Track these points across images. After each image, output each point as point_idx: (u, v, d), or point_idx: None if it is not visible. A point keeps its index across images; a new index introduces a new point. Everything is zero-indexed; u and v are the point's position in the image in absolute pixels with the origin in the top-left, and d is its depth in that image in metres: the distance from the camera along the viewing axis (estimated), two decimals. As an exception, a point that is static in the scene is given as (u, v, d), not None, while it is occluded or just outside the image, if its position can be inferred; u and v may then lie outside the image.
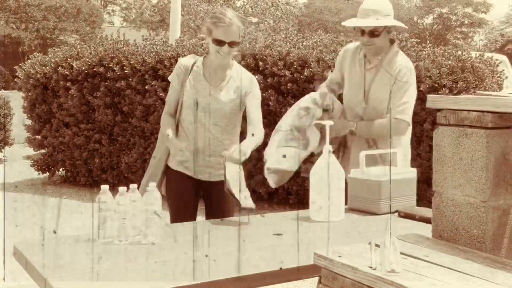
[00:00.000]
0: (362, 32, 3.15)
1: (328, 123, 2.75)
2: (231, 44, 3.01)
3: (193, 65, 3.15)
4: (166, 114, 3.17)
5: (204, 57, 3.19)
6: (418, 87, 5.94)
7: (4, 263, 4.00)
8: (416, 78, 3.29)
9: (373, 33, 3.12)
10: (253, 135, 2.97)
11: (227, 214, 3.02)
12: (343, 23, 3.32)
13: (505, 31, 47.57)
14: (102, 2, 46.87)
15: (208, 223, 2.65)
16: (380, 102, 3.22)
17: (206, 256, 2.05)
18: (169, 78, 3.21)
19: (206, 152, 3.13)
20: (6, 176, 8.86)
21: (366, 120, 3.23)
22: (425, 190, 4.89)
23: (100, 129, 7.76)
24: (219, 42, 3.00)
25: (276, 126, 3.23)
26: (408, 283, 1.54)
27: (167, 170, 3.16)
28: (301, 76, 6.21)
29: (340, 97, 3.42)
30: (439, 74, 5.92)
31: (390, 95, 3.18)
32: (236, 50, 3.10)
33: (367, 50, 3.21)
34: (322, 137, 2.90)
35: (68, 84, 7.79)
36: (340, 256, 1.76)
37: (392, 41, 3.28)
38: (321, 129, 3.05)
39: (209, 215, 3.16)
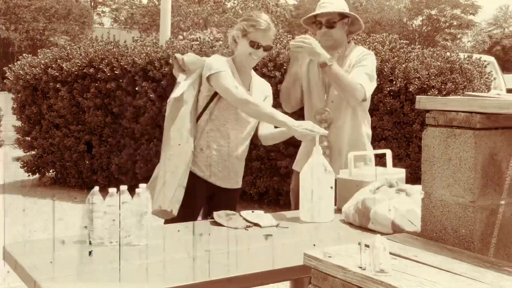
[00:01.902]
0: (320, 26, 3.18)
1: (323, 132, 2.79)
2: (266, 48, 3.01)
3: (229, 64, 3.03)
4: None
5: (232, 58, 3.09)
6: (407, 88, 6.00)
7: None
8: (405, 79, 3.25)
9: (330, 23, 3.15)
10: None
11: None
12: (301, 20, 3.31)
13: (493, 32, 47.93)
14: (92, 4, 46.73)
15: (199, 224, 2.64)
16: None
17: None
18: (222, 69, 2.93)
19: (240, 155, 3.09)
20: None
21: (331, 112, 3.16)
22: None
23: (91, 131, 7.73)
24: (256, 45, 2.97)
25: None
26: (397, 283, 1.55)
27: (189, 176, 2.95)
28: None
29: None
30: (428, 75, 5.95)
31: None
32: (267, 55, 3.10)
33: (324, 42, 3.16)
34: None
35: (58, 86, 7.76)
36: (330, 257, 1.76)
37: (349, 40, 3.28)
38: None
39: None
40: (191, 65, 3.00)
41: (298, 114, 3.33)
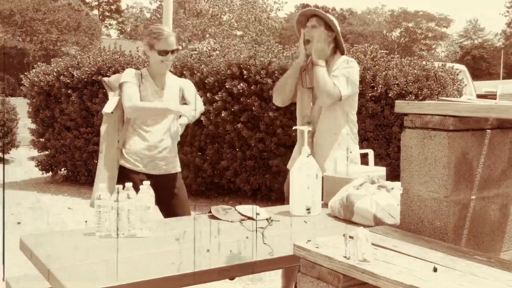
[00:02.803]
0: (304, 27, 3.18)
1: (306, 128, 2.76)
2: (173, 52, 3.17)
3: (141, 73, 3.23)
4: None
5: (147, 68, 3.26)
6: (387, 93, 6.01)
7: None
8: (385, 85, 3.22)
9: (314, 26, 3.14)
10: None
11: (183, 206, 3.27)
12: (298, 14, 3.25)
13: (463, 43, 48.14)
14: (101, 17, 46.60)
15: (198, 218, 2.62)
16: None
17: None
18: (126, 80, 3.15)
19: (166, 146, 3.23)
20: (12, 176, 8.76)
21: (314, 120, 3.14)
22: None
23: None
24: (163, 52, 3.14)
25: None
26: (378, 271, 1.55)
27: (120, 169, 3.18)
28: (282, 84, 6.20)
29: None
30: (406, 82, 5.96)
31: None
32: (175, 57, 3.24)
33: (307, 38, 3.16)
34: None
35: (69, 91, 7.74)
36: (317, 247, 1.76)
37: (335, 51, 3.21)
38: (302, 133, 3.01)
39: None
40: (114, 82, 3.25)
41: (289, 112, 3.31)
